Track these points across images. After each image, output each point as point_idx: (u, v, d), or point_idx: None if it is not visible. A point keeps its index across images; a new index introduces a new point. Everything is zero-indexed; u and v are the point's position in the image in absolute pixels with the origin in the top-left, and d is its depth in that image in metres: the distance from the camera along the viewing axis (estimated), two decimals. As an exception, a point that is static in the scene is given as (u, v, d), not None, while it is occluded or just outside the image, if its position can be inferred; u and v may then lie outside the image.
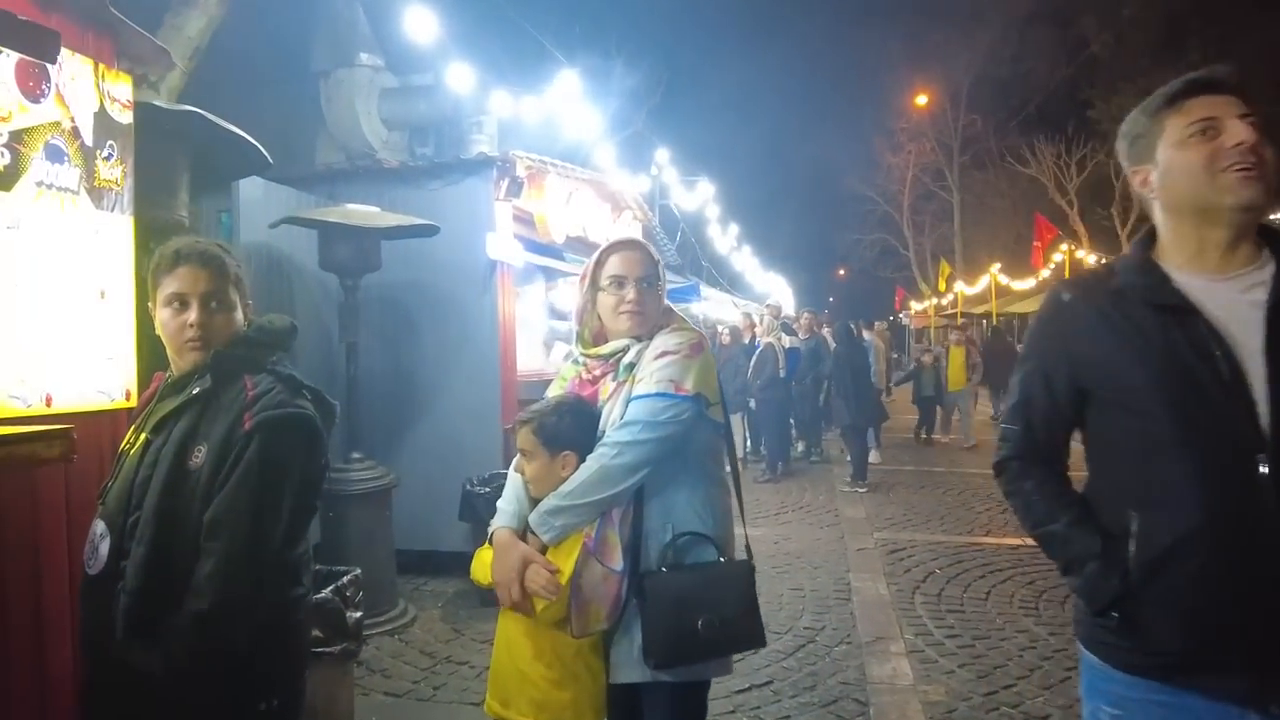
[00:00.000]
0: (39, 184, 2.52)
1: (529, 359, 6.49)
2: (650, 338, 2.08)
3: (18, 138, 2.46)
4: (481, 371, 5.55)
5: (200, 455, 1.77)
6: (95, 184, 2.71)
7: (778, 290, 30.94)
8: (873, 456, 9.15)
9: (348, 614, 3.42)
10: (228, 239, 4.97)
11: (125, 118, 2.82)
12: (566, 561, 1.89)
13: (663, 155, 12.18)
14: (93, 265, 2.70)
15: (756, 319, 10.79)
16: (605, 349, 2.12)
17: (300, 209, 5.11)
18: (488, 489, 4.93)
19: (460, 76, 6.14)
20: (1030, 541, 1.69)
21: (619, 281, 2.08)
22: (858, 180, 33.09)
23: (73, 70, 2.61)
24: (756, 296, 26.73)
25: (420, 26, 5.74)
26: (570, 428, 1.99)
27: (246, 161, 3.87)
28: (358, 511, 4.70)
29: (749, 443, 9.79)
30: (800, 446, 10.18)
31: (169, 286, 1.85)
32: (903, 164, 30.71)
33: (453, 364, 5.59)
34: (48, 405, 2.52)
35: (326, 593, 3.33)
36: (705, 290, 13.67)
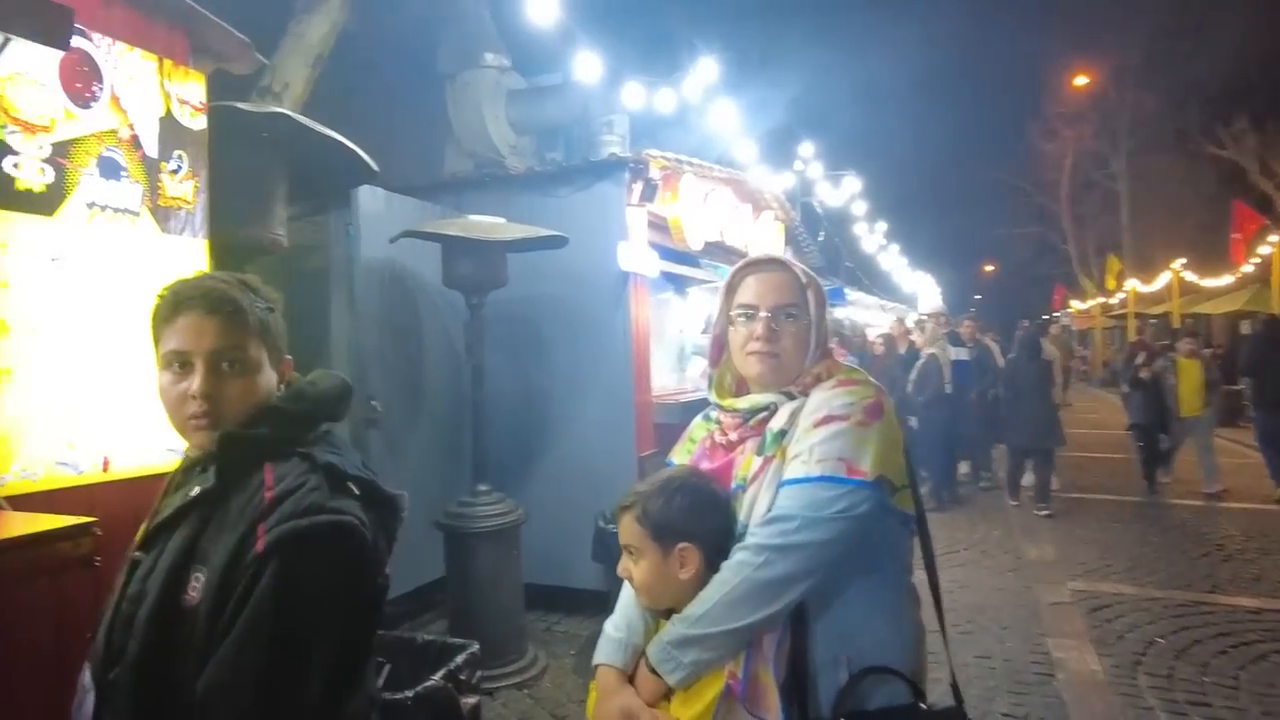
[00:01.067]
0: (91, 205, 2.09)
1: (664, 378, 5.86)
2: (806, 392, 1.48)
3: (63, 150, 2.03)
4: (614, 393, 4.97)
5: (197, 588, 1.20)
6: (160, 203, 2.27)
7: (926, 290, 29.12)
8: (1027, 479, 7.96)
9: (463, 700, 2.89)
10: (354, 253, 4.64)
11: (197, 123, 2.38)
12: (696, 708, 1.35)
13: (806, 149, 11.30)
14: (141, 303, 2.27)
15: (912, 324, 9.74)
16: (743, 402, 1.53)
17: (424, 220, 4.68)
18: (621, 528, 4.35)
19: (589, 71, 5.59)
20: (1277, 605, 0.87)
21: (748, 312, 1.53)
22: (1008, 170, 30.63)
23: (131, 69, 2.18)
24: (904, 298, 25.14)
25: (545, 18, 5.22)
26: (685, 511, 1.43)
27: (352, 170, 3.43)
28: (484, 550, 4.21)
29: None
30: (965, 469, 9.04)
31: (168, 342, 1.28)
32: (1059, 151, 28.11)
33: (583, 386, 5.04)
34: (105, 470, 2.10)
35: (437, 678, 2.81)
36: (850, 293, 12.64)
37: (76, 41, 2.05)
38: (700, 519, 1.43)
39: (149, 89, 2.23)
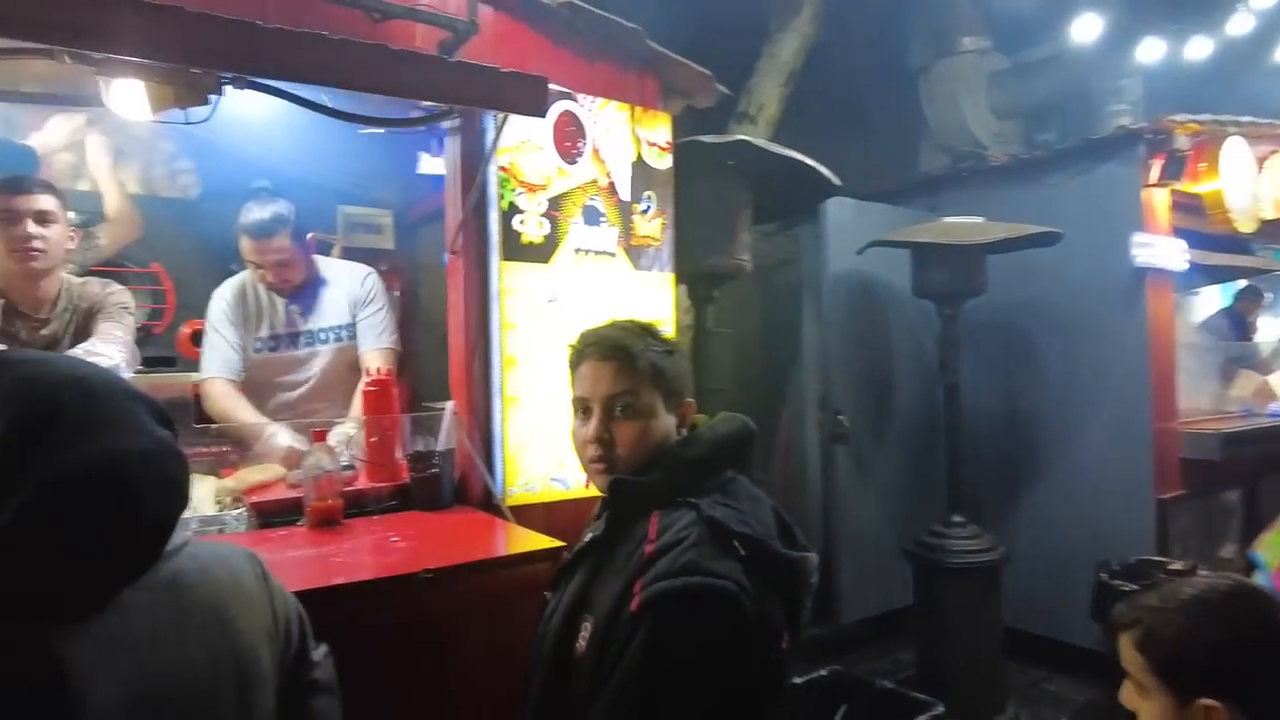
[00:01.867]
0: (577, 250, 2.32)
1: (1196, 398, 4.68)
2: None
3: (557, 204, 2.28)
4: (1124, 418, 4.09)
5: (584, 638, 1.19)
6: (633, 242, 2.43)
7: None
8: None
9: (921, 765, 2.60)
10: (821, 265, 4.61)
11: (664, 163, 2.50)
12: None
13: None
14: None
15: None
16: None
17: (895, 226, 4.43)
18: (1132, 584, 3.55)
19: (1088, 33, 4.72)
20: None
21: None
22: None
23: (608, 121, 2.36)
24: None
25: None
26: (1218, 651, 0.98)
27: (817, 183, 3.34)
28: (957, 587, 3.81)
29: None
30: None
31: (575, 389, 1.34)
32: None
33: (1082, 407, 4.26)
34: (587, 486, 2.31)
35: (895, 735, 2.58)
36: None
37: (566, 105, 2.30)
38: (1246, 665, 0.97)
39: (622, 137, 2.42)
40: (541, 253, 2.25)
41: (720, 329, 3.70)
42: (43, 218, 2.19)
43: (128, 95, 1.56)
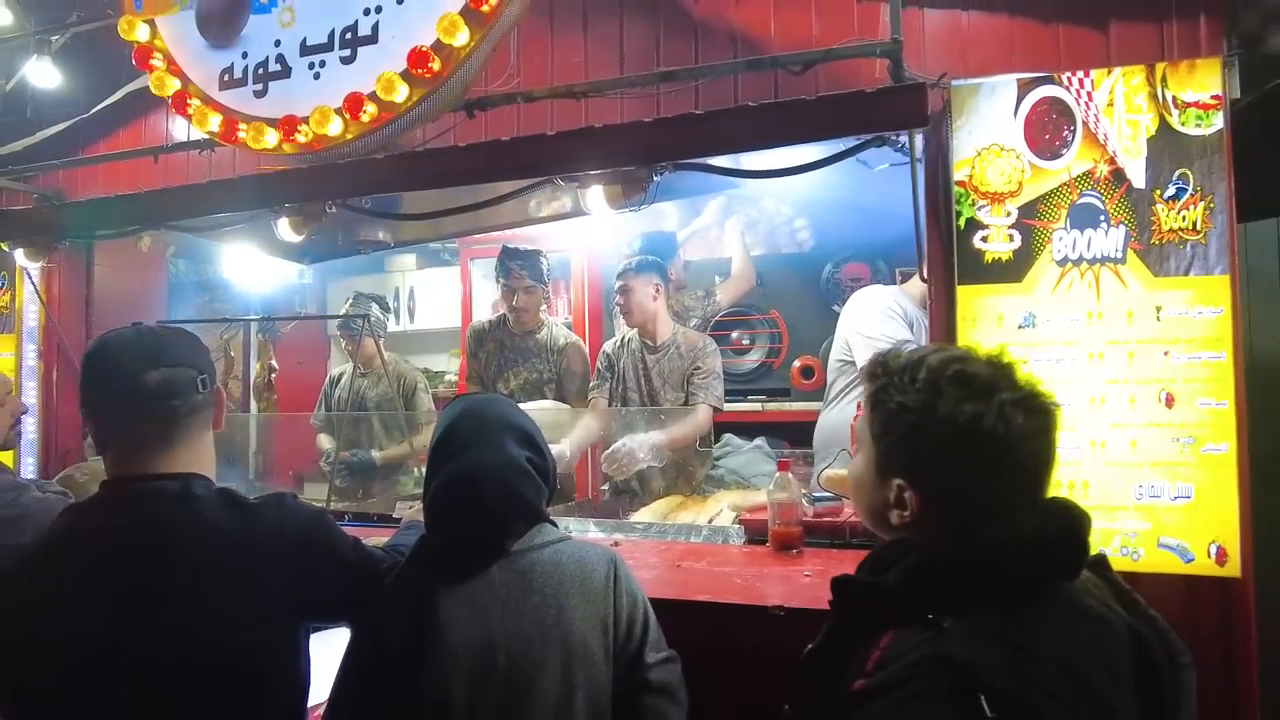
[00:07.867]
0: (1062, 262, 1.82)
1: None
2: None
3: (1031, 211, 1.84)
4: None
5: None
6: (1153, 241, 1.75)
7: None
8: None
9: None
10: None
11: (1208, 126, 1.72)
12: None
13: None
14: (1148, 362, 1.74)
15: None
16: None
17: None
18: None
19: None
20: None
21: None
22: None
23: (1107, 95, 1.78)
24: None
25: None
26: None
27: None
28: None
29: None
30: None
31: None
32: None
33: None
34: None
35: None
36: None
37: (1041, 90, 1.82)
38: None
39: (1133, 108, 1.77)
40: (1011, 271, 1.83)
41: None
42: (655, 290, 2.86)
43: (595, 199, 1.98)
